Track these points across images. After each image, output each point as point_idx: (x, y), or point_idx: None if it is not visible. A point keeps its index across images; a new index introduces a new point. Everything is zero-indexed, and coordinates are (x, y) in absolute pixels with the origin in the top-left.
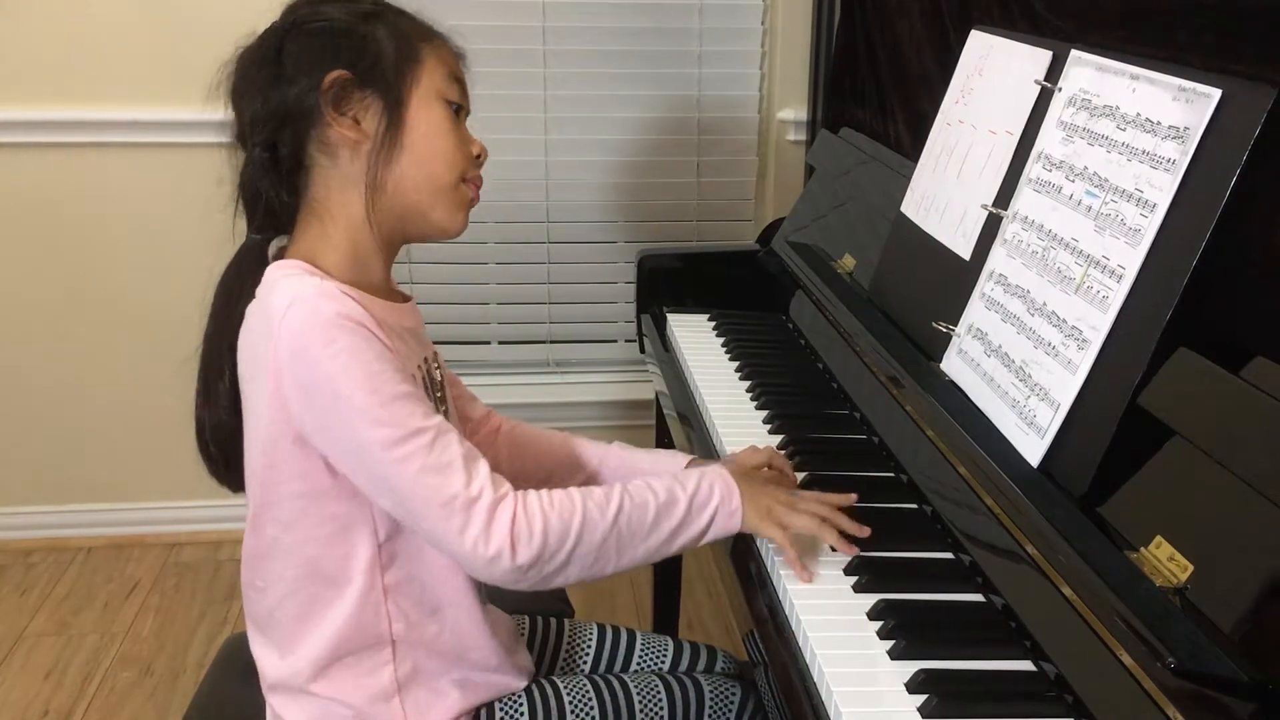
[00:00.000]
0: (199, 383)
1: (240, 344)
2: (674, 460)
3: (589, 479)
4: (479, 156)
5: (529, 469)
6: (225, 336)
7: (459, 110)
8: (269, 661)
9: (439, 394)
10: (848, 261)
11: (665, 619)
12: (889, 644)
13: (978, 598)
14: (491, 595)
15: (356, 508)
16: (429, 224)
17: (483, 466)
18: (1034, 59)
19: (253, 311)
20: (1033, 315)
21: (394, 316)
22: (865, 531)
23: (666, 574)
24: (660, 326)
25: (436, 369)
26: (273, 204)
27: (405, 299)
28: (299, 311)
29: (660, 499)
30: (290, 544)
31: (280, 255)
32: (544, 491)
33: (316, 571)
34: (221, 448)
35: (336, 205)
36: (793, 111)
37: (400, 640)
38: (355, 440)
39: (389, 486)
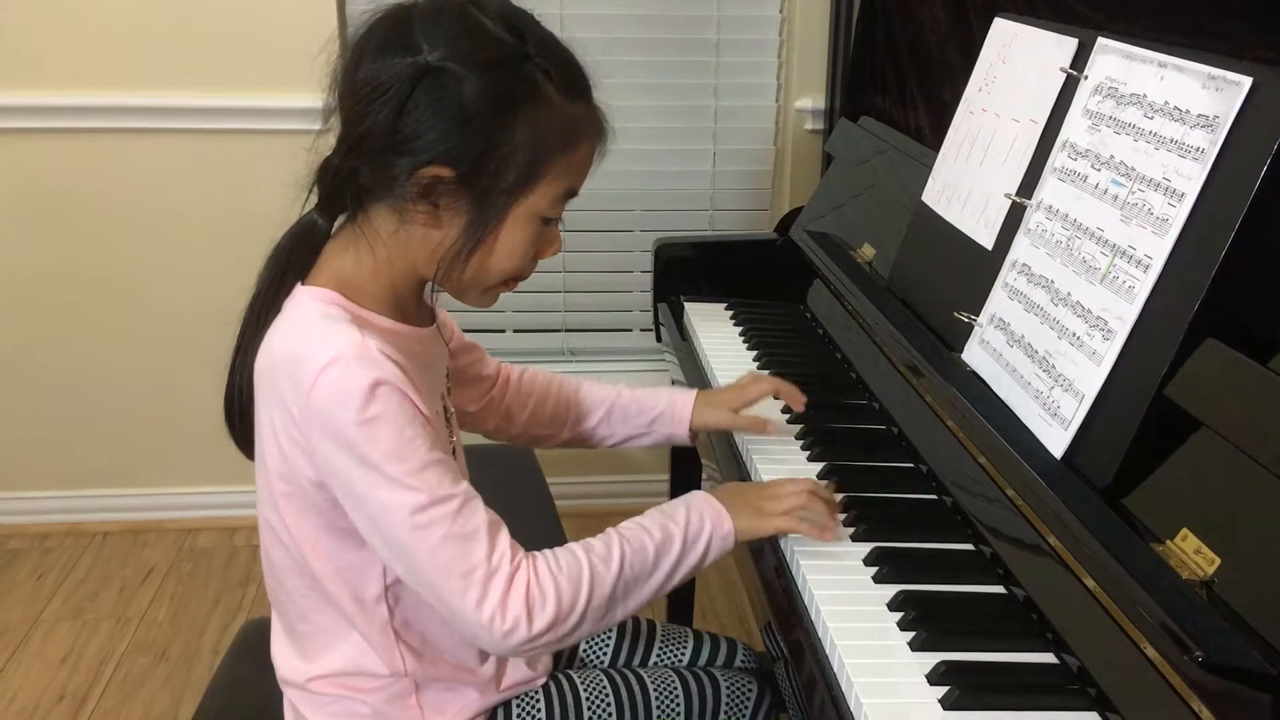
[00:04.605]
0: (235, 347)
1: (260, 359)
2: (682, 395)
3: (601, 420)
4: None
5: (544, 416)
6: (269, 309)
7: (551, 219)
8: (290, 662)
9: (449, 421)
10: (867, 251)
11: (680, 610)
12: (909, 635)
13: (999, 589)
14: None
15: (366, 547)
16: (458, 297)
17: (504, 535)
18: (1060, 46)
19: (281, 336)
20: (1057, 305)
21: (422, 345)
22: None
23: None
24: (677, 315)
25: (448, 389)
26: (338, 200)
27: (433, 318)
28: (337, 374)
29: (657, 539)
30: (305, 566)
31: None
32: (549, 553)
33: (331, 599)
34: (245, 415)
35: (386, 243)
36: (810, 100)
37: (412, 671)
38: (378, 504)
39: (406, 554)
